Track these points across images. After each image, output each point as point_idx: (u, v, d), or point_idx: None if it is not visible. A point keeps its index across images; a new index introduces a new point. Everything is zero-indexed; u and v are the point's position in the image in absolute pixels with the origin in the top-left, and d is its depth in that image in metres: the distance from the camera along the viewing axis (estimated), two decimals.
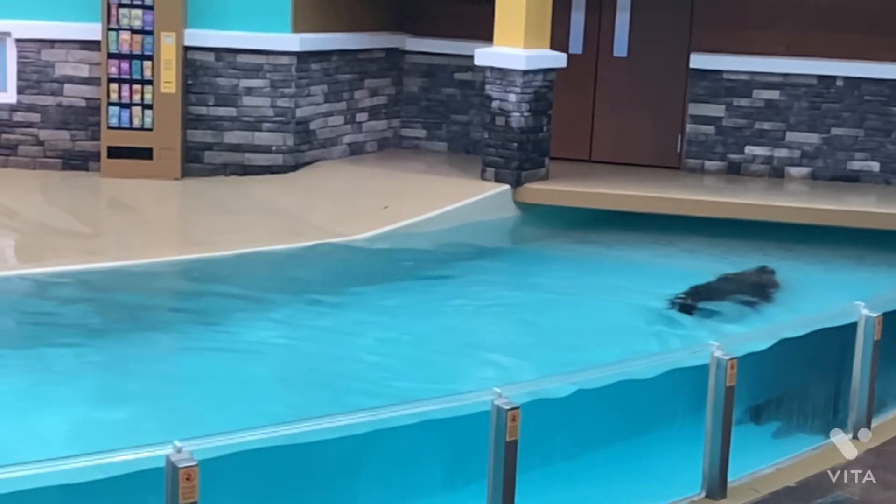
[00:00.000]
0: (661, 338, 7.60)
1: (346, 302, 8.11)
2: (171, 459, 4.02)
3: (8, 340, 7.03)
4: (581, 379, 5.42)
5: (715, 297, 8.64)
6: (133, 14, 10.99)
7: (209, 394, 6.41)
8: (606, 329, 7.74)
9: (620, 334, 7.61)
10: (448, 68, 12.64)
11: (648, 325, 7.89)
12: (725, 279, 9.17)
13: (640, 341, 7.45)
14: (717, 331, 7.48)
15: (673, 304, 8.39)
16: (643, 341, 7.48)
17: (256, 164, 11.47)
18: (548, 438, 5.36)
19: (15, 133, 11.21)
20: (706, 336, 6.14)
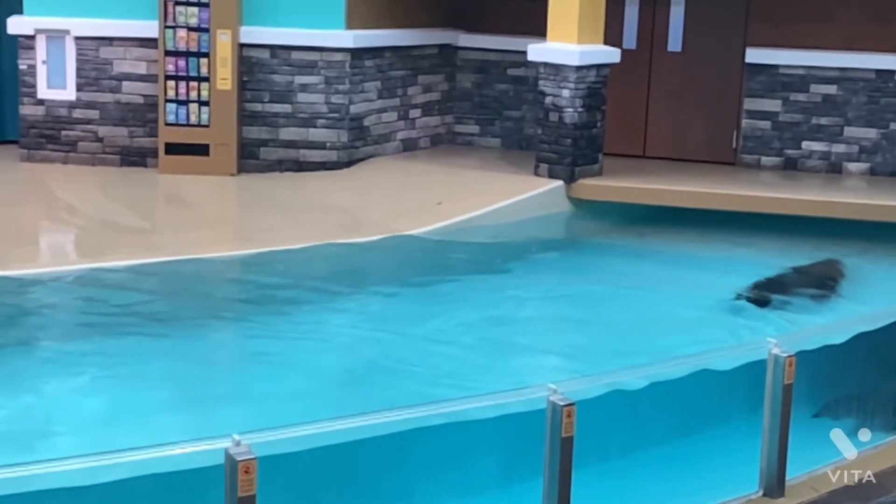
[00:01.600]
0: (733, 329, 7.52)
1: (401, 297, 8.15)
2: (229, 452, 4.06)
3: (69, 334, 7.17)
4: (636, 375, 5.40)
5: (786, 288, 8.56)
6: (189, 11, 11.11)
7: (261, 388, 6.47)
8: (666, 322, 7.71)
9: (682, 327, 7.56)
10: (501, 64, 12.63)
11: (719, 316, 7.84)
12: (795, 271, 9.07)
13: (710, 333, 7.38)
14: (795, 321, 7.41)
15: (743, 296, 8.30)
16: (714, 333, 7.39)
17: (311, 160, 11.55)
18: (605, 434, 5.35)
19: (75, 130, 11.39)
20: (788, 326, 6.07)
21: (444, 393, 5.80)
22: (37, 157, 11.33)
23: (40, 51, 11.22)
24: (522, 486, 5.14)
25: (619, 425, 5.52)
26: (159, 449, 4.15)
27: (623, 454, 5.58)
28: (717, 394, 5.91)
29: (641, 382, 5.36)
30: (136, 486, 4.79)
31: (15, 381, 6.42)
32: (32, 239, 9.38)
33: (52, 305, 7.80)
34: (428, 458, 5.20)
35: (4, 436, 5.76)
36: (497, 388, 5.05)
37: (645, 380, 5.36)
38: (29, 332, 7.26)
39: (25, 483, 3.97)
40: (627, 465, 5.55)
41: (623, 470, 5.50)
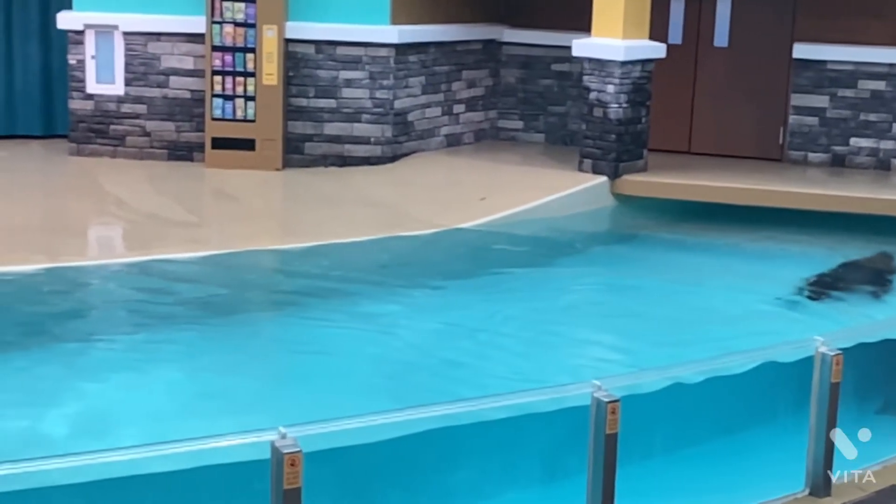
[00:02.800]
0: (787, 324, 7.47)
1: (445, 291, 8.18)
2: (275, 445, 4.10)
3: (118, 326, 7.26)
4: (681, 372, 5.38)
5: (840, 283, 8.48)
6: (236, 7, 11.19)
7: (306, 381, 6.52)
8: (716, 316, 7.68)
9: (733, 321, 7.53)
10: (545, 59, 12.60)
11: (771, 311, 7.79)
12: (848, 266, 8.98)
13: (762, 328, 7.34)
14: (851, 316, 7.34)
15: (800, 290, 8.23)
16: (766, 327, 7.36)
17: (355, 155, 11.60)
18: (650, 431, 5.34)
19: (123, 124, 11.52)
20: (845, 321, 6.02)
21: (491, 386, 5.83)
22: (85, 151, 11.47)
23: (89, 46, 11.35)
24: (567, 483, 5.14)
25: (666, 421, 5.51)
26: (206, 441, 4.19)
27: (669, 451, 5.57)
28: (765, 390, 5.87)
29: (693, 378, 5.34)
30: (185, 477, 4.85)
31: (68, 372, 6.52)
32: (81, 232, 9.51)
33: (101, 297, 7.92)
34: (472, 453, 5.22)
35: (61, 426, 5.85)
36: (544, 381, 5.05)
37: (694, 376, 5.34)
38: (78, 323, 7.37)
39: (76, 474, 4.04)
40: (673, 461, 5.54)
41: (669, 467, 5.49)
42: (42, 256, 8.26)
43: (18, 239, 8.79)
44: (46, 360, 6.68)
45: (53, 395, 6.18)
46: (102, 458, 3.99)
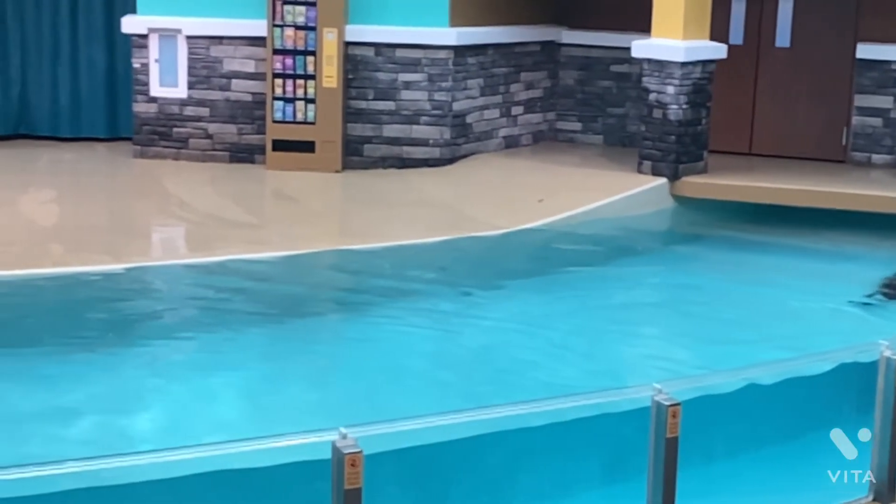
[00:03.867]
0: (858, 326, 7.39)
1: (505, 294, 8.20)
2: (336, 445, 4.13)
3: (181, 325, 7.36)
4: (746, 376, 5.33)
5: None
6: (297, 10, 11.29)
7: (369, 382, 6.57)
8: (782, 317, 7.61)
9: (801, 322, 7.46)
10: (604, 60, 12.56)
11: (841, 312, 7.71)
12: None
13: (832, 328, 7.27)
14: None
15: (868, 292, 8.12)
16: (836, 328, 7.29)
17: (414, 156, 11.65)
18: (711, 435, 5.30)
19: (186, 127, 11.67)
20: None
21: (553, 387, 5.83)
22: (149, 154, 11.64)
23: (153, 49, 11.52)
24: (627, 486, 5.13)
25: (729, 424, 5.46)
26: (267, 441, 4.24)
27: (731, 455, 5.53)
28: (827, 394, 5.81)
29: (768, 379, 5.29)
30: (248, 476, 4.91)
31: (134, 371, 6.63)
32: (145, 232, 9.66)
33: (166, 298, 8.04)
34: (531, 455, 5.23)
35: (122, 423, 5.96)
36: (606, 381, 5.04)
37: (757, 379, 5.29)
38: (144, 323, 7.49)
39: (140, 473, 4.10)
40: (736, 466, 5.50)
41: (731, 471, 5.45)
42: (107, 257, 8.40)
43: (84, 239, 8.95)
44: (111, 360, 6.80)
45: (123, 396, 6.29)
46: (166, 457, 4.05)
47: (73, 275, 8.02)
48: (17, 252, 8.46)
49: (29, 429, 5.79)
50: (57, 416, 5.94)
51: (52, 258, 8.40)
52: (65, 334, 7.06)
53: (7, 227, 9.18)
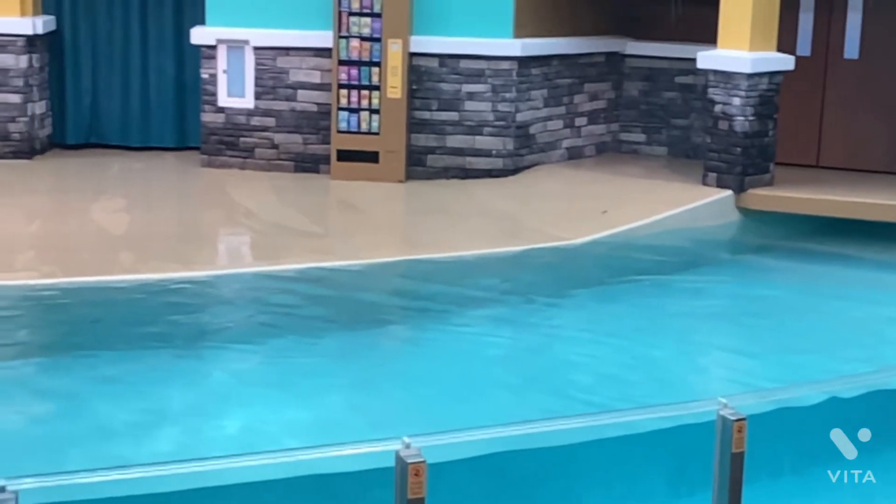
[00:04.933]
0: None
1: (567, 305, 8.19)
2: (399, 455, 4.15)
3: (249, 333, 7.45)
4: (808, 391, 5.28)
5: None
6: (362, 22, 11.39)
7: (437, 391, 6.60)
8: (845, 337, 7.51)
9: (860, 343, 7.35)
10: (669, 72, 12.49)
11: None
12: None
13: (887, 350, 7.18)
14: None
15: None
16: None
17: (477, 167, 11.67)
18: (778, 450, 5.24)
19: (252, 137, 11.82)
20: None
21: (614, 404, 5.82)
22: (216, 163, 11.80)
23: (221, 60, 11.69)
24: (692, 500, 5.09)
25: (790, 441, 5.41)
26: (330, 449, 4.27)
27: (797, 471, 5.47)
28: None
29: (847, 393, 5.23)
30: (304, 484, 4.96)
31: (195, 379, 6.73)
32: (212, 241, 9.80)
33: (233, 306, 8.13)
34: (594, 469, 5.21)
35: (196, 428, 6.06)
36: (670, 397, 5.02)
37: (847, 391, 5.23)
38: (212, 331, 7.59)
39: (203, 479, 4.16)
40: (803, 482, 5.43)
41: (799, 487, 5.39)
42: (175, 265, 8.54)
43: (153, 247, 9.10)
44: (182, 366, 6.90)
45: (195, 402, 6.39)
46: (230, 464, 4.11)
47: (142, 282, 8.16)
48: (88, 259, 8.64)
49: (116, 432, 5.90)
50: (136, 420, 6.04)
51: (122, 266, 8.56)
52: (135, 340, 7.18)
53: (78, 234, 9.37)
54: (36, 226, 9.76)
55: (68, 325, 7.57)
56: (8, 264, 8.44)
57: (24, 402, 6.39)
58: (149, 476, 3.91)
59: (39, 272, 8.28)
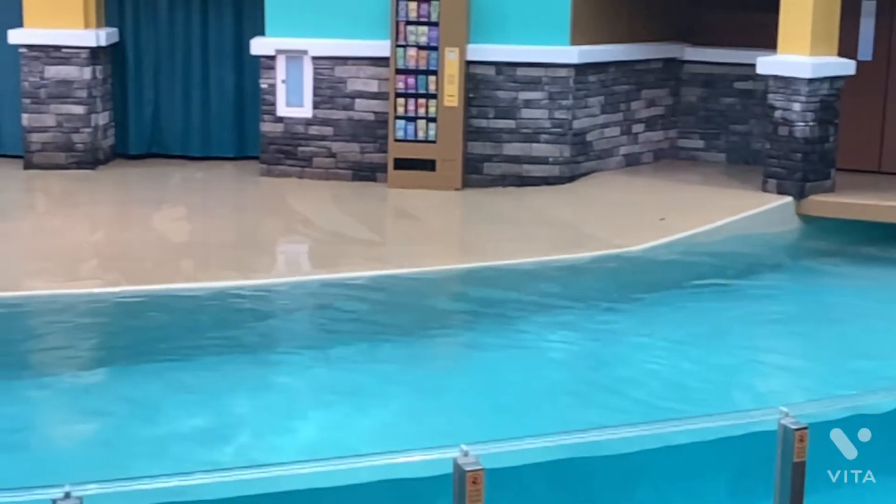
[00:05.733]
0: None
1: (627, 311, 8.16)
2: (458, 462, 4.16)
3: (309, 341, 7.51)
4: (869, 401, 5.21)
5: None
6: (420, 31, 11.44)
7: (499, 397, 6.61)
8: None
9: None
10: (728, 77, 12.40)
11: None
12: None
13: None
14: None
15: None
16: None
17: (534, 175, 11.67)
18: None
19: (310, 146, 11.91)
20: None
21: (676, 410, 5.79)
22: (275, 172, 11.91)
23: (280, 70, 11.80)
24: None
25: None
26: (390, 456, 4.30)
27: None
28: None
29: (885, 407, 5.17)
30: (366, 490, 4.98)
31: (260, 386, 6.80)
32: (271, 249, 9.89)
33: (292, 314, 8.22)
34: (655, 477, 5.19)
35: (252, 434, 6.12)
36: (730, 406, 4.98)
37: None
38: (271, 338, 7.68)
39: (264, 485, 4.21)
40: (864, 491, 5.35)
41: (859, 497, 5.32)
42: (235, 273, 8.64)
43: (213, 256, 9.22)
44: (247, 374, 6.98)
45: (257, 408, 6.46)
46: (291, 471, 4.15)
47: (202, 290, 8.26)
48: (150, 268, 8.77)
49: (185, 438, 5.98)
50: (205, 426, 6.12)
51: (183, 274, 8.67)
52: (200, 348, 7.27)
53: (141, 243, 9.52)
54: (99, 235, 9.93)
55: (134, 332, 7.68)
56: (73, 273, 8.60)
57: (91, 408, 6.50)
58: (210, 482, 3.96)
59: (103, 280, 8.42)
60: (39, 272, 8.64)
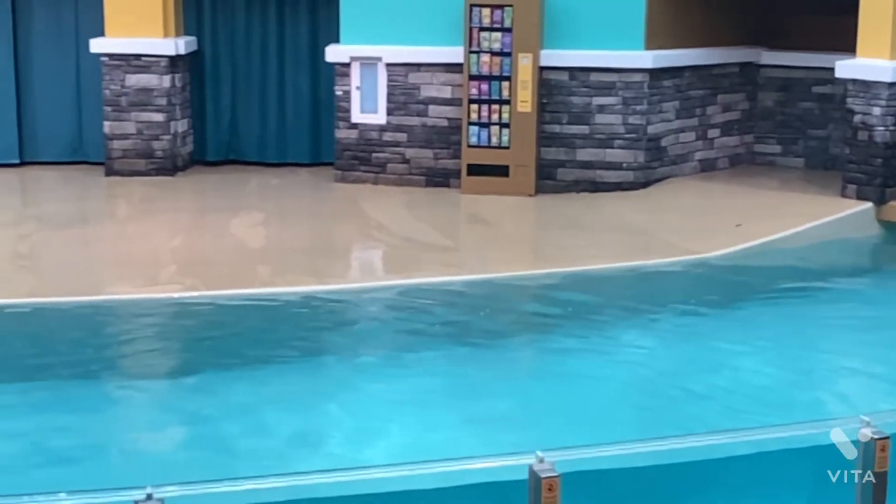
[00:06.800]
0: None
1: (701, 319, 8.08)
2: (533, 469, 4.16)
3: (386, 345, 7.55)
4: None
5: None
6: (493, 37, 11.46)
7: (578, 401, 6.60)
8: None
9: None
10: (806, 82, 12.23)
11: None
12: None
13: None
14: None
15: None
16: None
17: (607, 180, 11.62)
18: None
19: (384, 152, 12.00)
20: None
21: (755, 417, 5.73)
22: (349, 178, 12.02)
23: (355, 77, 11.91)
24: None
25: None
26: (465, 462, 4.31)
27: None
28: None
29: None
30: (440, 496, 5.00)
31: (333, 388, 6.86)
32: (345, 255, 9.99)
33: (367, 318, 8.28)
34: (734, 487, 5.13)
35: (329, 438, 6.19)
36: (809, 416, 4.91)
37: None
38: (347, 342, 7.74)
39: (346, 488, 4.25)
40: None
41: None
42: (310, 278, 8.73)
43: (289, 261, 9.33)
44: (328, 378, 7.05)
45: (333, 410, 6.52)
46: (372, 475, 4.18)
47: (278, 295, 8.37)
48: (228, 273, 8.90)
49: (269, 444, 6.06)
50: (291, 431, 6.19)
51: (260, 279, 8.79)
52: (281, 351, 7.35)
53: (219, 248, 9.67)
54: (178, 240, 10.10)
55: (218, 336, 7.79)
56: (153, 278, 8.77)
57: (176, 413, 6.61)
58: (289, 486, 4.01)
59: (182, 285, 8.57)
60: (121, 277, 8.83)
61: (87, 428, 6.32)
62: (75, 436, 6.14)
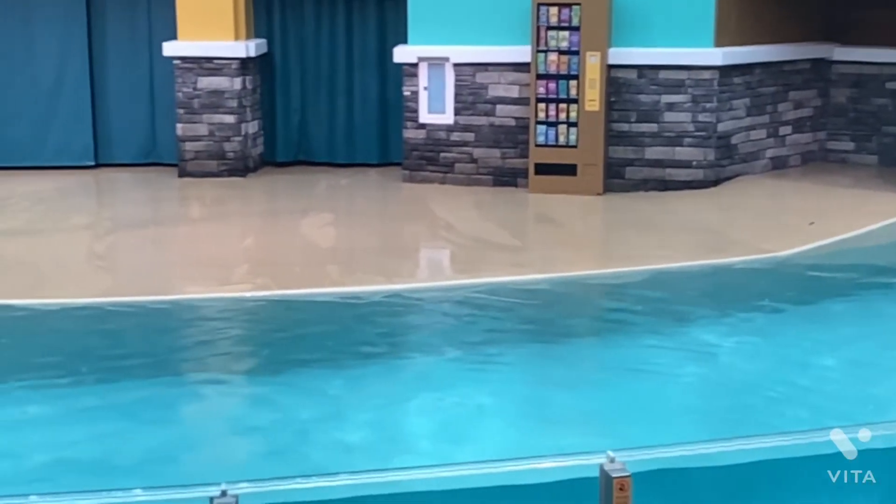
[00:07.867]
0: None
1: (774, 319, 7.98)
2: (604, 469, 4.15)
3: (461, 343, 7.53)
4: None
5: None
6: (560, 36, 11.44)
7: (646, 405, 6.57)
8: None
9: None
10: (880, 77, 12.03)
11: None
12: None
13: None
14: None
15: None
16: None
17: (676, 179, 11.53)
18: None
19: (452, 152, 12.04)
20: None
21: (826, 419, 5.67)
22: (417, 178, 12.08)
23: (422, 77, 11.96)
24: None
25: None
26: (535, 461, 4.32)
27: None
28: None
29: None
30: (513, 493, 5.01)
31: (410, 387, 6.89)
32: (414, 255, 10.04)
33: (434, 317, 8.30)
34: (800, 489, 5.07)
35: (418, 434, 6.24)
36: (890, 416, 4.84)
37: None
38: (416, 342, 7.78)
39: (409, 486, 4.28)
40: None
41: None
42: (380, 277, 8.79)
43: (358, 261, 9.41)
44: (408, 375, 7.10)
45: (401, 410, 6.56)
46: (435, 474, 4.20)
47: (348, 295, 8.44)
48: (299, 272, 9.00)
49: (346, 441, 6.11)
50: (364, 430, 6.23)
51: (330, 279, 8.88)
52: (355, 351, 7.40)
53: (290, 248, 9.78)
54: (249, 240, 10.24)
55: (297, 334, 7.86)
56: (226, 277, 8.89)
57: (257, 408, 6.67)
58: (359, 483, 4.05)
59: (254, 284, 8.68)
60: (193, 276, 8.97)
61: (179, 424, 6.42)
62: (166, 432, 6.23)
